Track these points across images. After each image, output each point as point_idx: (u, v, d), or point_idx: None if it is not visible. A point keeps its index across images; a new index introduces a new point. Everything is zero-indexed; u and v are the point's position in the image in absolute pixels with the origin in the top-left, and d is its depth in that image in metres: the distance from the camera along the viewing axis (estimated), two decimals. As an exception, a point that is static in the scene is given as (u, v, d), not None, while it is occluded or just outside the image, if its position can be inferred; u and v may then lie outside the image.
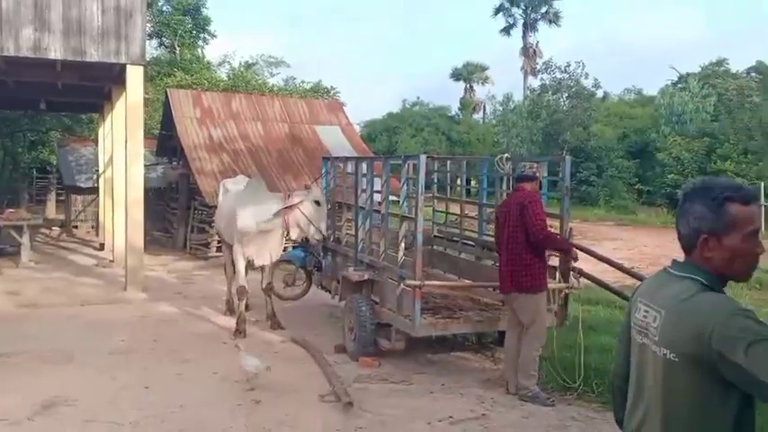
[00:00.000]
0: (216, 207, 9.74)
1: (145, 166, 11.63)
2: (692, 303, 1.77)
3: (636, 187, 28.47)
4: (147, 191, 11.56)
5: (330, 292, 8.18)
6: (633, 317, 2.00)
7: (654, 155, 28.00)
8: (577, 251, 5.99)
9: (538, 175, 5.93)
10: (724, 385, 1.70)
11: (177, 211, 15.44)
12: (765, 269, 10.66)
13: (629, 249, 15.09)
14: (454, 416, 5.22)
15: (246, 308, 7.97)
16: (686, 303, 1.78)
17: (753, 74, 33.18)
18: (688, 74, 33.36)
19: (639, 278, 6.20)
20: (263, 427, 4.99)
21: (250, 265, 7.97)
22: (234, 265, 8.07)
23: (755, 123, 25.50)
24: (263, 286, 8.08)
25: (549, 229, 5.71)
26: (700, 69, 34.29)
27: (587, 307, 6.91)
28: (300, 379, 6.14)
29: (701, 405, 1.76)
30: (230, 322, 7.99)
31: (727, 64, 34.64)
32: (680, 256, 1.95)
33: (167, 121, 16.30)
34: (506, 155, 6.91)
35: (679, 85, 32.43)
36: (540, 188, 6.10)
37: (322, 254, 8.67)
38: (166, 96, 16.21)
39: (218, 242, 12.32)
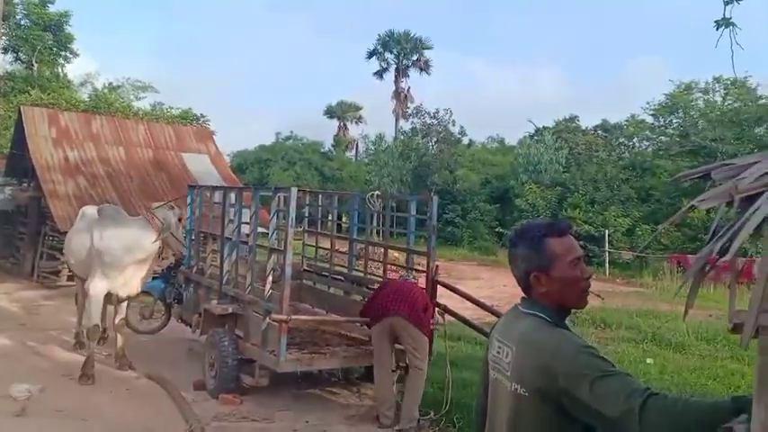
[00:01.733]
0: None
1: (-9, 186, 10.67)
2: (538, 340, 1.86)
3: (496, 230, 29.90)
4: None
5: (191, 326, 7.81)
6: (489, 353, 2.07)
7: (512, 200, 29.65)
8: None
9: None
10: (570, 418, 1.77)
11: (25, 236, 14.27)
12: (607, 308, 11.54)
13: (489, 288, 15.73)
14: (318, 454, 5.12)
15: (102, 340, 7.41)
16: (533, 340, 1.87)
17: (599, 131, 36.24)
18: (544, 127, 35.79)
19: (498, 315, 6.46)
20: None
21: (110, 300, 7.39)
22: (86, 298, 7.35)
23: (601, 176, 27.79)
24: (116, 322, 7.48)
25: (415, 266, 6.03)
26: (554, 123, 36.89)
27: (450, 343, 7.07)
28: (154, 417, 5.78)
29: None
30: (79, 358, 7.38)
31: (578, 121, 37.51)
32: None
33: (19, 140, 15.14)
34: (377, 192, 7.01)
35: (535, 137, 34.70)
36: None
37: (183, 285, 8.32)
38: (19, 114, 15.07)
39: (70, 271, 11.47)
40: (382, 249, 7.04)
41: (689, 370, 8.16)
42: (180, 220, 7.31)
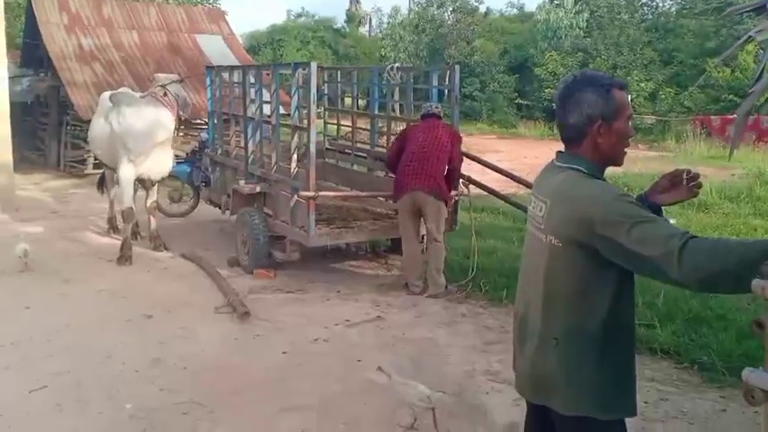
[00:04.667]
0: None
1: (9, 78, 10.60)
2: (575, 191, 1.90)
3: (516, 102, 29.40)
4: (12, 105, 10.60)
5: (220, 207, 8.02)
6: (529, 210, 2.13)
7: (532, 70, 28.87)
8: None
9: (440, 113, 6.37)
10: (604, 266, 1.85)
11: (48, 126, 14.34)
12: (629, 173, 11.50)
13: (510, 161, 15.72)
14: (350, 319, 5.39)
15: (134, 235, 7.63)
16: (569, 192, 1.91)
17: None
18: (564, -10, 34.21)
19: (526, 184, 6.56)
20: (156, 341, 4.90)
21: (143, 183, 7.58)
22: (117, 183, 7.49)
23: (624, 39, 26.79)
24: (148, 205, 7.70)
25: None
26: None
27: (474, 214, 7.21)
28: (193, 293, 6.08)
29: (581, 286, 1.91)
30: (113, 242, 7.69)
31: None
32: None
33: (31, 29, 14.83)
34: (396, 64, 6.91)
35: (555, 2, 33.24)
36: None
37: (209, 168, 8.45)
38: (29, 1, 14.69)
39: (96, 159, 11.63)
40: (404, 124, 7.02)
41: (712, 227, 8.30)
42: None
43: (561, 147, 2.07)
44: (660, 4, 31.71)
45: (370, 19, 45.09)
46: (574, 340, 1.94)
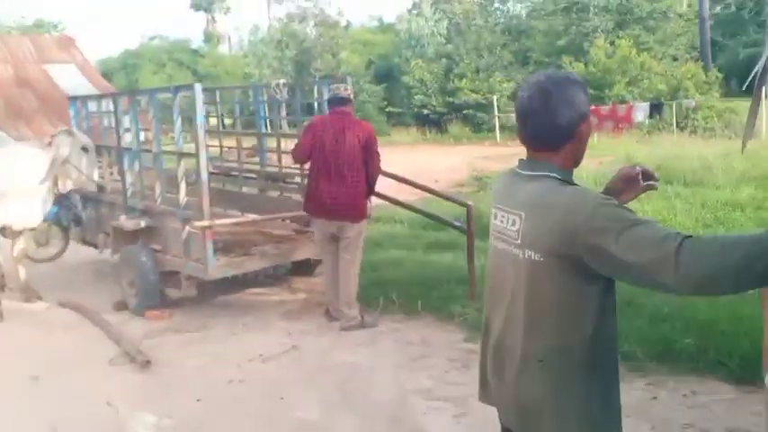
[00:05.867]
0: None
1: None
2: (554, 201, 1.73)
3: (386, 110, 29.82)
4: None
5: (96, 247, 7.35)
6: (492, 223, 1.95)
7: (399, 78, 29.44)
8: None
9: (352, 97, 5.57)
10: (589, 278, 1.70)
11: None
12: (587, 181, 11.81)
13: (390, 167, 15.82)
14: (264, 353, 5.03)
15: (2, 288, 6.79)
16: (547, 202, 1.74)
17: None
18: (421, 0, 35.23)
19: (430, 191, 6.47)
20: (48, 406, 4.29)
21: (2, 232, 6.74)
22: None
23: (483, 44, 27.98)
24: (15, 254, 6.89)
25: None
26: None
27: (370, 225, 7.05)
28: (81, 346, 5.42)
29: (565, 301, 1.75)
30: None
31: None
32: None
33: None
34: (282, 80, 6.63)
35: (414, 12, 34.14)
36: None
37: (80, 205, 7.73)
38: None
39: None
40: (294, 141, 6.74)
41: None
42: (85, 149, 6.54)
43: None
44: (511, 9, 33.49)
45: (229, 38, 44.22)
46: (561, 359, 1.78)
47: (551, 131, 1.79)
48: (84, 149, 6.52)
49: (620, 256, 1.58)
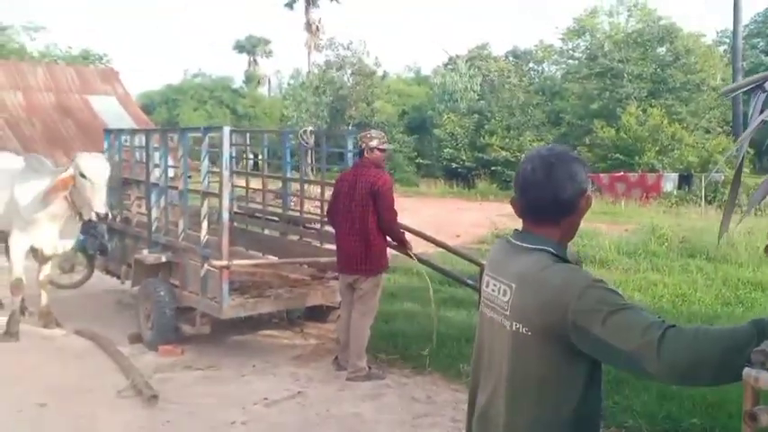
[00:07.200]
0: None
1: None
2: (546, 277, 1.73)
3: (416, 161, 30.11)
4: None
5: (119, 278, 7.48)
6: (483, 290, 1.96)
7: (430, 131, 29.81)
8: (408, 239, 5.81)
9: (376, 145, 5.48)
10: (575, 357, 1.71)
11: None
12: (609, 248, 11.69)
13: (413, 218, 15.91)
14: (269, 396, 5.04)
15: (22, 311, 6.92)
16: (540, 278, 1.75)
17: (510, 57, 36.65)
18: (457, 55, 35.89)
19: (450, 250, 6.49)
20: (52, 434, 4.38)
21: (35, 255, 6.93)
22: (7, 253, 6.81)
23: (515, 102, 28.30)
24: (41, 278, 7.06)
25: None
26: (467, 52, 37.02)
27: (386, 275, 7.09)
28: (91, 376, 5.51)
29: (551, 376, 1.74)
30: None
31: (489, 48, 37.83)
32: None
33: None
34: (310, 128, 6.79)
35: (449, 66, 34.74)
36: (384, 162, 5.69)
37: (106, 236, 7.91)
38: None
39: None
40: (319, 187, 6.88)
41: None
42: (83, 175, 6.26)
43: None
44: (546, 69, 33.92)
45: (269, 80, 45.32)
46: None
47: (553, 204, 1.80)
48: (82, 176, 6.24)
49: (606, 339, 1.59)
